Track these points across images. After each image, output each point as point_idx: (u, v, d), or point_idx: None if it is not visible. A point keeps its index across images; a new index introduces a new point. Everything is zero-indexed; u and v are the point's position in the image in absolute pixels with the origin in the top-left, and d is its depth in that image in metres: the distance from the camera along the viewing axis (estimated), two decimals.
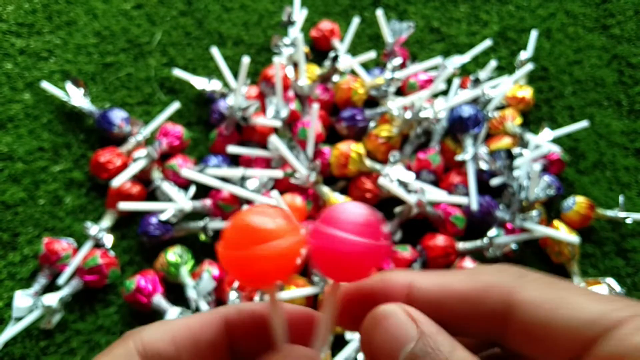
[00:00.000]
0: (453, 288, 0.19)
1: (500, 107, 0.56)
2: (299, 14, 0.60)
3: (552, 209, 0.52)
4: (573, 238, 0.47)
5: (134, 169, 0.48)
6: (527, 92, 0.56)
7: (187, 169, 0.48)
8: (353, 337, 0.45)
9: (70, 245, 0.47)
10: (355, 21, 0.58)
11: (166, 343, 0.19)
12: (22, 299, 0.44)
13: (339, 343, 0.45)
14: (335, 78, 0.56)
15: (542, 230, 0.48)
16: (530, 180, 0.47)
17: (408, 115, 0.52)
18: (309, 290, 0.45)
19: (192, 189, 0.49)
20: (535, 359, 0.18)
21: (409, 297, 0.19)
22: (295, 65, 0.56)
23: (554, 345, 0.17)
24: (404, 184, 0.49)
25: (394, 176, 0.50)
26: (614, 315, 0.16)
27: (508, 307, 0.18)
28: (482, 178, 0.51)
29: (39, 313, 0.44)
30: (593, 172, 0.55)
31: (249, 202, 0.48)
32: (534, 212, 0.48)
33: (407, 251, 0.48)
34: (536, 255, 0.50)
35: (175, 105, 0.53)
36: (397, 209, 0.49)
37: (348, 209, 0.19)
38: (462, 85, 0.57)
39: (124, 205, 0.46)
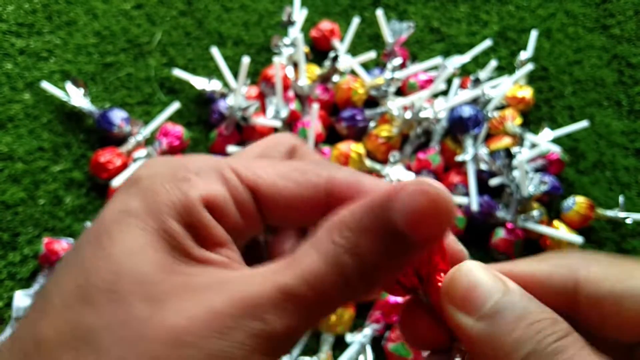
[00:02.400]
0: (521, 269, 0.19)
1: (500, 107, 0.56)
2: (299, 14, 0.60)
3: (552, 209, 0.52)
4: (575, 238, 0.47)
5: (134, 169, 0.48)
6: (527, 92, 0.56)
7: None
8: (353, 340, 0.45)
9: (70, 245, 0.47)
10: (355, 21, 0.58)
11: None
12: (22, 299, 0.44)
13: (340, 344, 0.45)
14: (335, 78, 0.56)
15: (543, 230, 0.48)
16: (520, 176, 0.47)
17: (408, 115, 0.52)
18: None
19: None
20: (610, 338, 0.18)
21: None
22: (295, 65, 0.56)
23: (624, 318, 0.17)
24: None
25: (394, 176, 0.50)
26: None
27: (575, 283, 0.18)
28: (482, 178, 0.51)
29: None
30: (593, 172, 0.55)
31: None
32: (535, 212, 0.48)
33: None
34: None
35: (175, 105, 0.53)
36: None
37: None
38: (462, 85, 0.57)
39: None
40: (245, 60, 0.49)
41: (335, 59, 0.55)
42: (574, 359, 0.15)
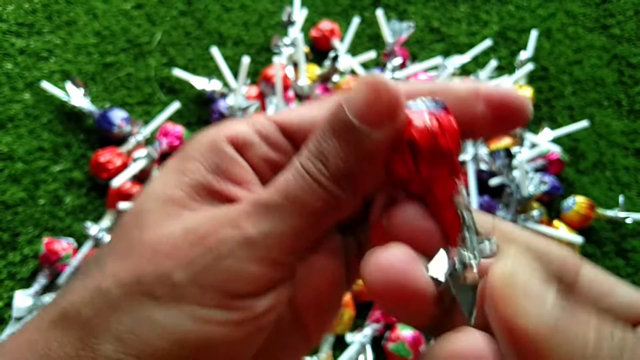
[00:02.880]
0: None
1: None
2: (299, 14, 0.60)
3: (552, 209, 0.52)
4: (576, 238, 0.47)
5: (134, 169, 0.48)
6: (527, 92, 0.56)
7: None
8: (353, 340, 0.45)
9: (70, 245, 0.47)
10: (355, 21, 0.58)
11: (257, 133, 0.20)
12: (22, 299, 0.44)
13: (340, 344, 0.45)
14: (335, 78, 0.56)
15: (543, 230, 0.48)
16: (520, 176, 0.47)
17: None
18: None
19: None
20: None
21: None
22: (295, 65, 0.56)
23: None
24: None
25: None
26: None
27: (576, 275, 0.18)
28: (482, 178, 0.51)
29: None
30: (593, 172, 0.55)
31: None
32: (535, 212, 0.48)
33: None
34: None
35: (175, 105, 0.53)
36: None
37: None
38: None
39: (124, 205, 0.46)
40: (245, 60, 0.49)
41: (335, 59, 0.55)
42: None
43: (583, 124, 0.54)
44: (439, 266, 0.17)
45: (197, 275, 0.17)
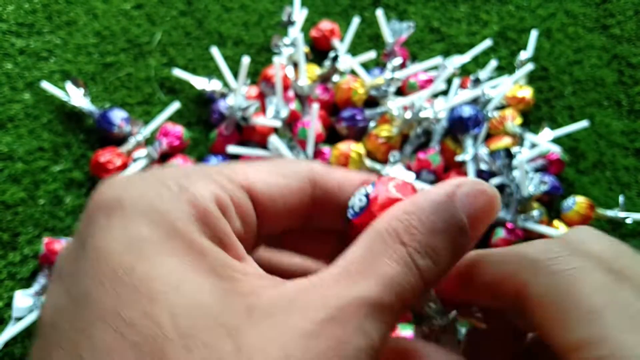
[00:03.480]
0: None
1: (500, 107, 0.56)
2: (299, 14, 0.60)
3: (552, 209, 0.52)
4: None
5: (134, 169, 0.48)
6: (527, 92, 0.56)
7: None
8: None
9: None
10: (355, 21, 0.58)
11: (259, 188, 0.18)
12: (22, 299, 0.44)
13: None
14: (335, 78, 0.56)
15: (543, 230, 0.48)
16: (520, 176, 0.47)
17: (408, 115, 0.52)
18: None
19: None
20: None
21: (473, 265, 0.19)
22: (295, 65, 0.56)
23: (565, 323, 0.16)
24: None
25: (394, 176, 0.50)
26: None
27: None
28: (482, 178, 0.51)
29: (39, 313, 0.44)
30: (593, 172, 0.55)
31: None
32: (535, 212, 0.48)
33: None
34: None
35: (175, 105, 0.53)
36: None
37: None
38: (462, 85, 0.57)
39: None
40: (245, 60, 0.49)
41: (335, 59, 0.55)
42: None
43: (583, 124, 0.54)
44: None
45: None
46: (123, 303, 0.13)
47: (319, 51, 0.60)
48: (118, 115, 0.52)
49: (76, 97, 0.53)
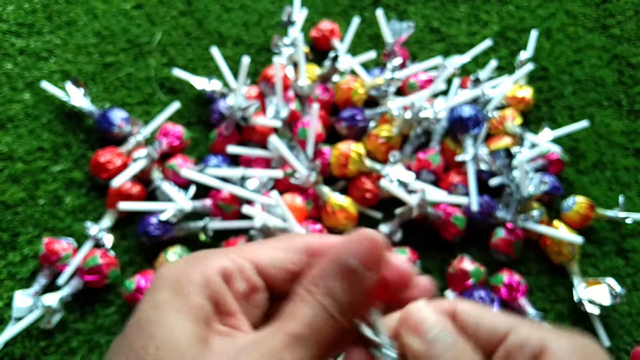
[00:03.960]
0: (462, 309, 0.24)
1: (500, 107, 0.56)
2: (299, 14, 0.60)
3: (552, 209, 0.52)
4: (576, 238, 0.47)
5: (134, 169, 0.48)
6: (527, 92, 0.56)
7: (187, 169, 0.48)
8: None
9: (70, 245, 0.47)
10: (355, 21, 0.58)
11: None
12: (22, 299, 0.44)
13: None
14: (335, 78, 0.56)
15: (543, 230, 0.48)
16: (520, 176, 0.47)
17: (408, 115, 0.52)
18: None
19: (192, 189, 0.49)
20: None
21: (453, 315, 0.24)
22: (295, 65, 0.56)
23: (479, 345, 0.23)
24: (404, 184, 0.49)
25: (394, 176, 0.50)
26: (510, 323, 0.22)
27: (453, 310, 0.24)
28: (482, 178, 0.51)
29: (39, 313, 0.44)
30: (593, 172, 0.55)
31: (248, 202, 0.48)
32: (535, 212, 0.48)
33: (405, 254, 0.48)
34: (536, 256, 0.50)
35: (175, 105, 0.53)
36: (398, 210, 0.49)
37: None
38: (462, 85, 0.57)
39: (124, 205, 0.46)
40: (245, 60, 0.49)
41: (335, 59, 0.55)
42: None
43: (583, 124, 0.54)
44: None
45: None
46: (136, 339, 0.20)
47: (319, 51, 0.60)
48: (118, 115, 0.52)
49: (76, 97, 0.53)
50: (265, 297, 0.24)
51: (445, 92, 0.56)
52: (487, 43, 0.58)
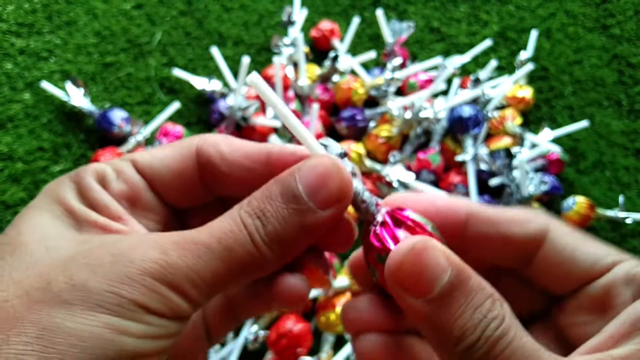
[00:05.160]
0: (506, 213, 0.22)
1: (500, 107, 0.56)
2: (299, 14, 0.60)
3: (552, 209, 0.52)
4: None
5: None
6: (527, 92, 0.56)
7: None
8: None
9: None
10: (355, 21, 0.58)
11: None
12: None
13: (341, 344, 0.45)
14: (335, 78, 0.56)
15: None
16: (520, 176, 0.47)
17: (408, 115, 0.52)
18: None
19: None
20: (546, 287, 0.22)
21: (467, 221, 0.22)
22: (295, 65, 0.56)
23: (568, 276, 0.21)
24: (404, 184, 0.49)
25: (394, 176, 0.50)
26: (609, 259, 0.20)
27: (545, 233, 0.21)
28: (482, 178, 0.51)
29: None
30: (593, 172, 0.55)
31: None
32: None
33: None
34: None
35: (175, 105, 0.53)
36: None
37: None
38: (462, 85, 0.57)
39: None
40: (245, 60, 0.49)
41: (335, 59, 0.55)
42: (513, 342, 0.17)
43: (583, 124, 0.54)
44: None
45: (115, 285, 0.16)
46: (6, 253, 0.18)
47: (319, 51, 0.60)
48: (118, 115, 0.52)
49: (76, 97, 0.53)
50: (153, 198, 0.22)
51: (445, 92, 0.56)
52: (487, 43, 0.58)
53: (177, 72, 0.55)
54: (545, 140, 0.53)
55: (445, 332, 0.17)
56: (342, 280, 0.45)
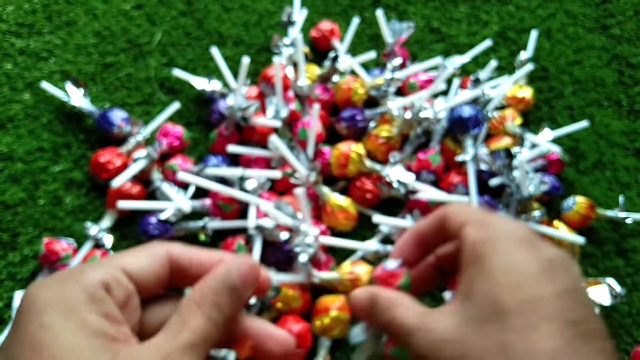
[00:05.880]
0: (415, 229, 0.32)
1: (500, 107, 0.56)
2: (299, 14, 0.60)
3: (552, 209, 0.52)
4: (577, 238, 0.47)
5: (134, 169, 0.48)
6: (527, 92, 0.56)
7: (183, 173, 0.48)
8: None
9: (70, 245, 0.47)
10: (355, 21, 0.58)
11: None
12: None
13: (337, 348, 0.45)
14: (335, 78, 0.56)
15: (544, 230, 0.48)
16: (520, 176, 0.47)
17: (408, 115, 0.52)
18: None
19: (192, 189, 0.49)
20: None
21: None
22: (295, 65, 0.56)
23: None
24: (404, 185, 0.49)
25: (394, 176, 0.50)
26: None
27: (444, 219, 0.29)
28: (482, 178, 0.51)
29: None
30: (593, 172, 0.55)
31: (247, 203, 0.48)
32: (537, 212, 0.48)
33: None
34: None
35: (175, 105, 0.53)
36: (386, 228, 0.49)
37: None
38: (462, 85, 0.57)
39: (124, 204, 0.46)
40: (245, 60, 0.49)
41: (335, 59, 0.55)
42: (397, 308, 0.28)
43: (583, 124, 0.54)
44: None
45: None
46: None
47: (319, 51, 0.60)
48: (118, 115, 0.52)
49: (76, 97, 0.53)
50: (138, 301, 0.26)
51: (445, 92, 0.56)
52: (487, 43, 0.58)
53: (177, 72, 0.55)
54: (545, 140, 0.53)
55: (383, 329, 0.29)
56: (331, 273, 0.45)
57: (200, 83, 0.55)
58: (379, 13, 0.58)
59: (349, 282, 0.45)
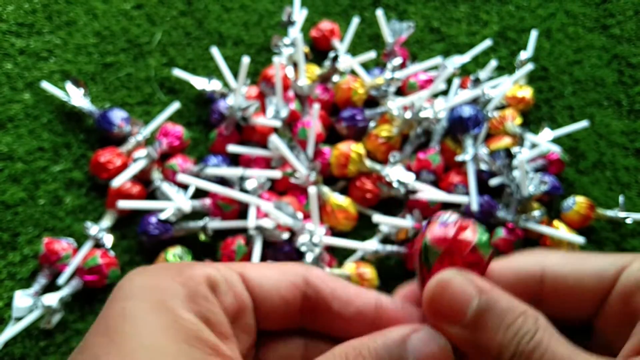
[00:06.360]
0: (496, 267, 0.23)
1: (500, 107, 0.56)
2: (299, 14, 0.60)
3: (552, 209, 0.52)
4: (577, 238, 0.47)
5: (134, 169, 0.48)
6: (527, 92, 0.56)
7: (182, 175, 0.48)
8: None
9: (70, 245, 0.47)
10: (355, 21, 0.58)
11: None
12: (22, 299, 0.44)
13: None
14: (335, 78, 0.56)
15: (544, 230, 0.48)
16: (520, 176, 0.47)
17: (408, 115, 0.52)
18: None
19: (192, 189, 0.49)
20: (571, 316, 0.22)
21: (542, 281, 0.22)
22: (295, 65, 0.56)
23: (581, 295, 0.21)
24: (404, 185, 0.49)
25: (394, 176, 0.50)
26: (619, 262, 0.21)
27: (542, 271, 0.22)
28: (482, 178, 0.51)
29: (39, 313, 0.44)
30: (593, 172, 0.55)
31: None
32: (537, 212, 0.48)
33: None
34: None
35: (175, 105, 0.53)
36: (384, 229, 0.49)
37: None
38: (462, 85, 0.57)
39: (123, 204, 0.46)
40: (245, 60, 0.49)
41: (335, 59, 0.55)
42: (548, 349, 0.18)
43: (583, 124, 0.54)
44: None
45: None
46: (105, 353, 0.17)
47: (319, 51, 0.60)
48: (118, 115, 0.52)
49: (76, 97, 0.53)
50: (253, 322, 0.20)
51: (445, 92, 0.56)
52: (487, 43, 0.58)
53: (177, 72, 0.55)
54: (545, 140, 0.53)
55: (485, 351, 0.19)
56: (342, 270, 0.45)
57: (200, 83, 0.55)
58: (379, 13, 0.58)
59: (358, 278, 0.45)
